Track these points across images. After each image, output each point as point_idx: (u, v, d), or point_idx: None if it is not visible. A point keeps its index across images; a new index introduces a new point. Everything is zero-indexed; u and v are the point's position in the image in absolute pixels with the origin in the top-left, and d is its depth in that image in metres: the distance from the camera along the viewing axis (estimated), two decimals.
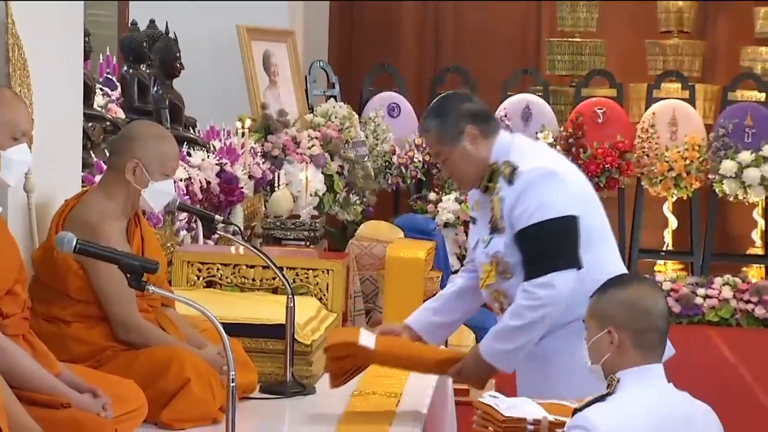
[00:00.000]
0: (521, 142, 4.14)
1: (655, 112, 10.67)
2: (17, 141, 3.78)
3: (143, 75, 7.02)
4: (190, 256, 5.08)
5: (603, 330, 3.25)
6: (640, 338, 3.23)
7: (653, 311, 3.25)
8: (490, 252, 4.05)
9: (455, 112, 4.06)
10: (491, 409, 3.49)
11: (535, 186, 3.94)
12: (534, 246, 3.93)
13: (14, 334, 3.61)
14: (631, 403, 3.18)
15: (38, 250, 4.27)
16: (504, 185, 4.00)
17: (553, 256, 3.92)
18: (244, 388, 4.23)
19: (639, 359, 3.23)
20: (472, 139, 4.05)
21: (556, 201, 3.93)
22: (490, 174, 4.04)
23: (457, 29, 12.25)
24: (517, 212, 3.95)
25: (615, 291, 3.29)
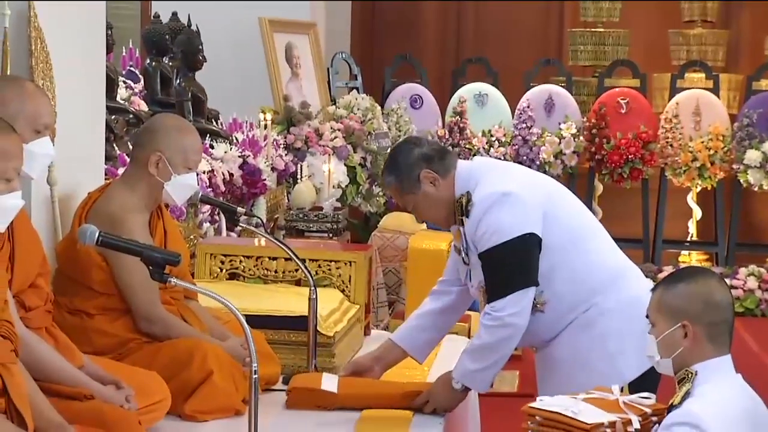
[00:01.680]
0: (479, 168, 4.16)
1: (679, 102, 10.62)
2: (40, 134, 3.78)
3: (166, 68, 7.04)
4: (213, 248, 5.08)
5: (676, 324, 3.25)
6: (713, 331, 3.25)
7: (723, 303, 3.27)
8: (476, 282, 4.12)
9: (407, 161, 4.11)
10: (562, 417, 3.33)
11: (488, 212, 3.98)
12: (493, 269, 3.99)
13: (37, 326, 3.62)
14: (719, 394, 3.19)
15: (61, 243, 4.28)
16: (465, 217, 4.05)
17: (511, 277, 3.97)
18: (266, 379, 4.24)
19: (712, 352, 3.25)
20: (431, 182, 4.09)
21: (510, 222, 3.96)
22: (460, 208, 4.09)
23: (478, 20, 12.21)
24: (476, 240, 4.01)
25: (685, 285, 3.28)
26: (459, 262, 4.22)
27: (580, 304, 4.06)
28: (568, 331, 4.09)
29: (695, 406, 3.15)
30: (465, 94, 10.71)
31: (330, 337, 4.52)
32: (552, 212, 4.04)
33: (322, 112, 9.30)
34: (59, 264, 4.20)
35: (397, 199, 4.25)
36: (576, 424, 3.29)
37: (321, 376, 4.22)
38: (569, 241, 4.05)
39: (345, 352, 4.69)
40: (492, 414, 5.40)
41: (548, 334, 4.13)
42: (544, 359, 4.24)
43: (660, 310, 3.31)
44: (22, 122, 3.64)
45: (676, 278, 3.34)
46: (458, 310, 4.40)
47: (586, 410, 3.35)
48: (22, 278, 3.61)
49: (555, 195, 4.15)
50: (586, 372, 4.02)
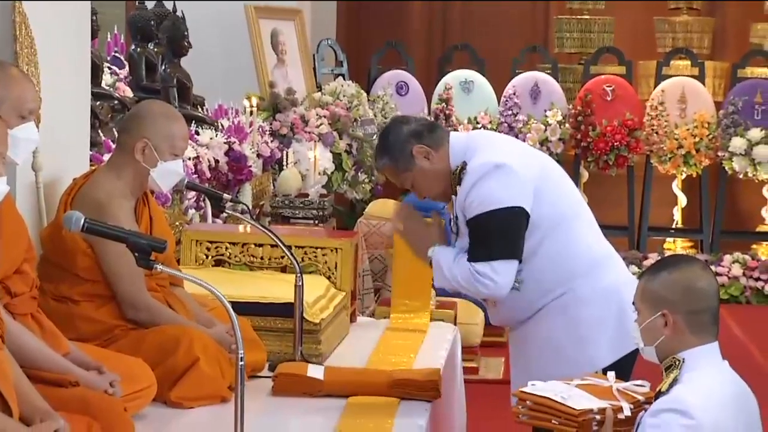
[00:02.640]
0: (476, 138, 4.17)
1: (665, 90, 10.63)
2: (24, 119, 3.77)
3: (151, 54, 7.02)
4: (199, 234, 5.08)
5: (656, 313, 3.26)
6: (695, 319, 3.24)
7: (706, 291, 3.27)
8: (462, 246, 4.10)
9: (398, 139, 4.10)
10: (551, 402, 3.35)
11: (479, 181, 3.98)
12: (478, 236, 3.99)
13: (23, 313, 3.62)
14: (706, 381, 3.20)
15: (46, 229, 4.27)
16: (458, 186, 4.05)
17: (496, 245, 3.97)
18: (252, 366, 4.24)
19: (695, 340, 3.25)
20: (424, 156, 4.08)
21: (501, 194, 3.96)
22: (456, 179, 4.08)
23: (465, 7, 12.20)
24: (466, 206, 4.01)
25: (667, 273, 3.28)
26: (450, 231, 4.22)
27: (556, 287, 4.07)
28: (542, 314, 4.10)
29: (683, 393, 3.16)
30: (451, 81, 10.71)
31: (316, 324, 4.52)
32: (542, 190, 4.04)
33: (308, 98, 9.29)
34: (44, 250, 4.19)
35: (394, 180, 4.22)
36: (564, 409, 3.31)
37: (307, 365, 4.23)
38: (555, 222, 4.05)
39: (331, 339, 4.69)
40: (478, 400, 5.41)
41: (522, 314, 4.14)
42: (516, 340, 4.26)
43: (643, 298, 3.32)
44: (7, 108, 3.63)
45: (659, 266, 3.35)
46: None
47: (577, 396, 3.35)
48: (7, 264, 3.61)
49: (548, 173, 4.15)
50: (557, 357, 4.03)
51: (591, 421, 3.30)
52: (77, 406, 3.41)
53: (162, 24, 7.14)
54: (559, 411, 3.33)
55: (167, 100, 6.66)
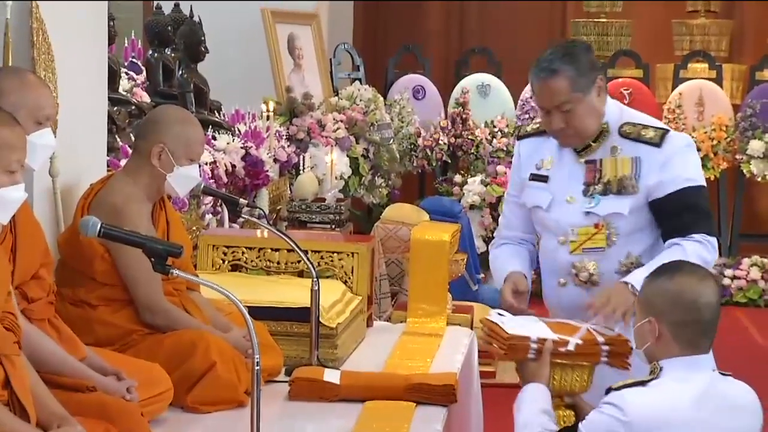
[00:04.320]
0: (629, 108, 4.11)
1: (682, 93, 10.61)
2: (41, 125, 3.78)
3: (168, 59, 7.04)
4: (216, 239, 5.08)
5: (645, 318, 3.27)
6: (680, 330, 3.23)
7: (697, 304, 3.23)
8: (601, 213, 3.94)
9: (588, 59, 3.94)
10: (497, 327, 3.55)
11: (687, 152, 3.94)
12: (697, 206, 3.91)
13: (40, 318, 3.63)
14: (671, 393, 3.19)
15: (63, 234, 4.29)
16: (639, 146, 3.91)
17: (711, 222, 3.94)
18: (269, 371, 4.24)
19: (680, 350, 3.24)
20: (599, 92, 3.94)
21: (700, 171, 3.98)
22: (599, 132, 3.96)
23: (482, 10, 12.19)
24: (668, 174, 3.89)
25: (662, 280, 3.28)
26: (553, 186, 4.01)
27: None
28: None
29: (633, 396, 3.18)
30: (468, 84, 10.71)
31: (332, 328, 4.52)
32: None
33: (325, 103, 9.30)
34: (62, 255, 4.20)
35: (551, 97, 3.91)
36: (501, 333, 3.54)
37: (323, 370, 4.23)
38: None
39: (347, 344, 4.69)
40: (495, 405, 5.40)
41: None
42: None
43: (639, 301, 3.34)
44: (24, 114, 3.64)
45: (660, 271, 3.34)
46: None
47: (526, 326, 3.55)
48: (24, 270, 3.62)
49: None
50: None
51: (525, 348, 3.50)
52: (94, 411, 3.42)
53: (179, 29, 7.16)
54: (497, 335, 3.56)
55: (184, 105, 6.67)
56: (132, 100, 6.12)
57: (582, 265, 3.98)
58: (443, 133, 10.59)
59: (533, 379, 3.53)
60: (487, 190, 9.58)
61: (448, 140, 10.57)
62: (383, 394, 4.11)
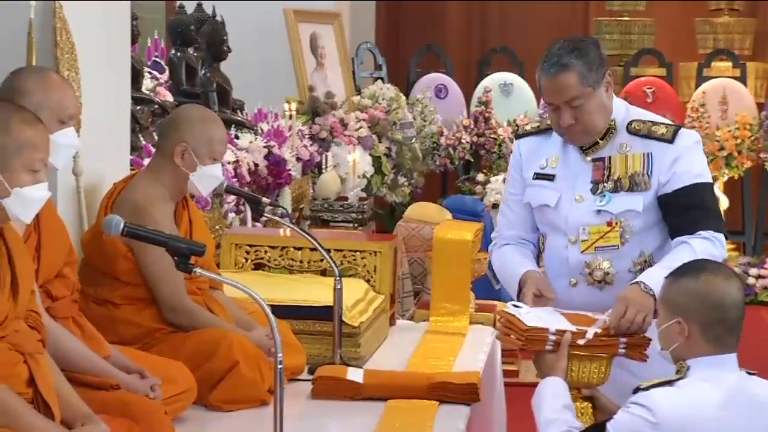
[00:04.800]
0: (634, 106, 4.07)
1: (706, 91, 10.57)
2: (64, 124, 3.78)
3: (191, 58, 7.05)
4: (239, 238, 5.09)
5: (673, 319, 3.24)
6: (709, 330, 3.21)
7: (724, 303, 3.21)
8: (614, 211, 3.87)
9: (597, 55, 3.89)
10: (514, 319, 3.53)
11: (696, 149, 3.90)
12: (702, 204, 3.85)
13: (64, 316, 3.64)
14: (699, 393, 3.16)
15: (87, 233, 4.30)
16: (651, 142, 3.87)
17: (718, 218, 3.89)
18: (292, 369, 4.25)
19: (708, 350, 3.21)
20: (608, 88, 3.89)
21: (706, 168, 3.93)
22: (606, 130, 3.90)
23: (503, 10, 12.17)
24: (680, 169, 3.85)
25: (686, 279, 3.25)
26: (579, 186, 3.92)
27: None
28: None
29: (661, 396, 3.15)
30: (490, 83, 10.70)
31: (355, 327, 4.52)
32: None
33: (347, 102, 9.30)
34: (85, 254, 4.22)
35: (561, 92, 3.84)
36: (519, 324, 3.51)
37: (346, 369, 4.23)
38: None
39: (370, 342, 4.69)
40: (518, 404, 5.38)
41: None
42: None
43: (662, 302, 3.30)
44: (47, 113, 3.64)
45: (682, 271, 3.31)
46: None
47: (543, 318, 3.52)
48: (48, 268, 3.63)
49: None
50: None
51: (543, 339, 3.47)
52: (118, 409, 3.43)
53: (202, 28, 7.17)
54: (514, 327, 3.53)
55: (207, 105, 6.68)
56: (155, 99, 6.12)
57: (596, 264, 3.91)
58: (466, 132, 10.58)
59: (551, 371, 3.52)
60: None
61: (470, 139, 10.56)
62: (406, 393, 4.11)
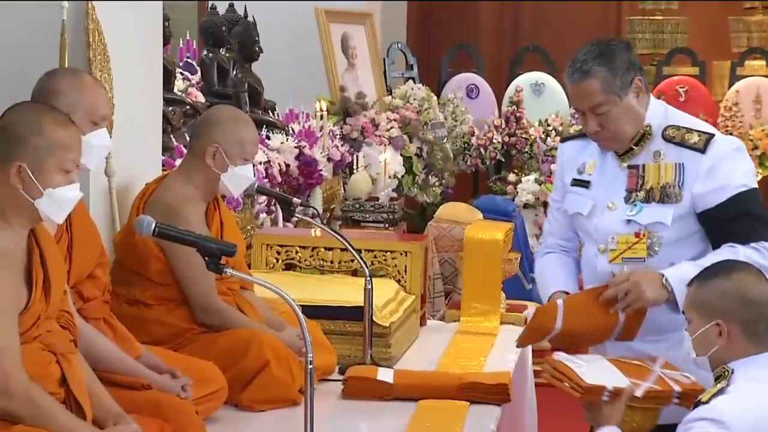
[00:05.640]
0: (674, 109, 3.92)
1: (739, 90, 10.52)
2: (97, 125, 3.81)
3: (223, 59, 7.06)
4: (270, 238, 5.11)
5: (710, 322, 3.17)
6: (750, 329, 3.14)
7: (760, 300, 3.15)
8: (643, 222, 3.75)
9: (625, 59, 3.75)
10: (570, 371, 3.40)
11: (734, 156, 3.73)
12: (747, 214, 3.67)
13: (95, 317, 3.66)
14: (753, 393, 3.09)
15: (119, 234, 4.32)
16: (683, 151, 3.74)
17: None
18: (323, 369, 4.26)
19: (749, 349, 3.15)
20: (638, 93, 3.76)
21: (751, 173, 3.76)
22: (641, 136, 3.79)
23: (536, 9, 12.15)
24: (722, 179, 3.69)
25: (719, 281, 3.19)
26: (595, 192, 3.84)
27: None
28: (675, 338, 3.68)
29: (724, 404, 3.06)
30: (521, 83, 10.68)
31: (386, 327, 4.53)
32: None
33: (378, 102, 9.30)
34: (117, 255, 4.24)
35: (585, 98, 3.76)
36: (573, 376, 3.38)
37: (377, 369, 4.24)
38: None
39: (401, 343, 4.70)
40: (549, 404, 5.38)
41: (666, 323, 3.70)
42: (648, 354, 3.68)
43: (694, 307, 3.22)
44: (80, 114, 3.67)
45: (710, 273, 3.24)
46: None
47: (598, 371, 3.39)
48: (80, 269, 3.65)
49: None
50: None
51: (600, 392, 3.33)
52: (150, 409, 3.44)
53: (233, 29, 7.18)
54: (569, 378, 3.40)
55: (238, 105, 6.70)
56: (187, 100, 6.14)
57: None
58: (497, 132, 10.56)
59: (608, 422, 3.36)
60: (541, 188, 9.54)
61: (501, 139, 10.53)
62: (436, 393, 4.11)
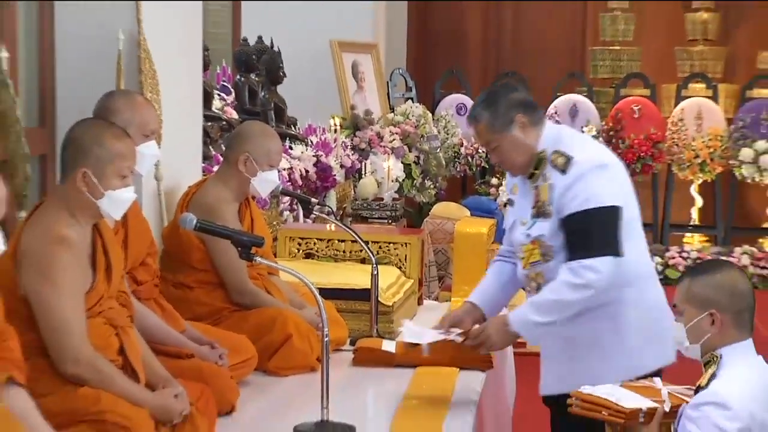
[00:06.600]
0: (569, 133, 3.70)
1: (684, 109, 10.51)
2: (148, 138, 3.80)
3: (253, 82, 7.06)
4: (292, 232, 5.10)
5: (704, 312, 3.04)
6: (738, 318, 3.05)
7: (746, 292, 3.07)
8: (533, 234, 3.61)
9: (506, 101, 3.59)
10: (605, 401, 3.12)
11: (586, 176, 3.50)
12: (581, 231, 3.49)
13: (147, 298, 3.67)
14: (743, 373, 3.00)
15: (167, 228, 4.32)
16: (555, 173, 3.55)
17: (599, 242, 3.47)
18: (336, 341, 4.25)
19: (736, 336, 3.05)
20: (522, 127, 3.58)
21: (605, 192, 3.49)
22: (537, 161, 3.60)
23: (514, 40, 12.13)
24: (567, 199, 3.51)
25: (711, 276, 3.07)
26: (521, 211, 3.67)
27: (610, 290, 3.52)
28: (593, 315, 3.56)
29: (721, 387, 2.96)
30: None
31: (389, 306, 4.52)
32: (625, 200, 3.59)
33: (383, 118, 9.29)
34: (165, 246, 4.23)
35: (479, 137, 3.70)
36: (612, 405, 3.10)
37: (382, 340, 4.23)
38: (625, 227, 3.55)
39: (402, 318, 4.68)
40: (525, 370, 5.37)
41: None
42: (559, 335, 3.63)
43: (688, 299, 3.08)
44: (134, 129, 3.66)
45: (701, 270, 3.11)
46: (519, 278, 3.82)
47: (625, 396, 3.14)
48: (134, 257, 3.65)
49: (629, 183, 3.67)
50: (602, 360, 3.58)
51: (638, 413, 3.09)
52: (192, 374, 3.44)
53: (262, 58, 7.18)
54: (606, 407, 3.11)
55: (266, 121, 6.69)
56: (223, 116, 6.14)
57: (532, 277, 3.68)
58: None
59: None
60: None
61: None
62: (431, 361, 4.10)
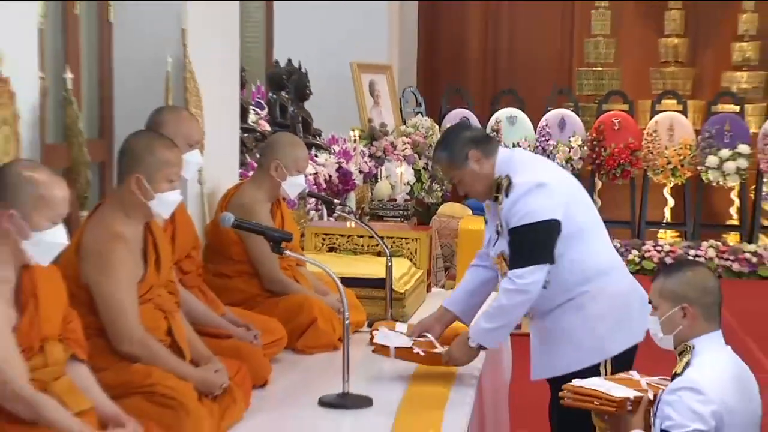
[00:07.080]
0: (519, 157, 3.67)
1: (657, 121, 10.47)
2: (192, 147, 3.80)
3: (283, 99, 7.06)
4: (317, 229, 5.09)
5: (676, 307, 2.99)
6: (707, 311, 2.99)
7: (715, 288, 3.02)
8: (497, 250, 3.65)
9: (459, 141, 3.60)
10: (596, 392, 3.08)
11: (524, 196, 3.49)
12: (519, 244, 3.51)
13: (191, 286, 3.66)
14: (714, 362, 2.95)
15: (209, 225, 4.32)
16: (503, 196, 3.56)
17: (532, 252, 3.48)
18: (355, 324, 4.23)
19: (706, 328, 2.99)
20: (477, 161, 3.57)
21: (540, 208, 3.48)
22: (497, 186, 3.59)
23: (510, 61, 12.09)
24: (509, 217, 3.53)
25: (683, 273, 3.01)
26: (491, 230, 3.71)
27: (575, 287, 3.58)
28: (562, 309, 3.60)
29: (695, 374, 2.92)
30: (500, 116, 10.63)
31: (402, 293, 4.50)
32: (571, 206, 3.57)
33: (396, 130, 9.27)
34: (207, 240, 4.23)
35: (444, 173, 3.74)
36: (602, 395, 3.07)
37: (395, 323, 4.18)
38: (578, 232, 3.56)
39: (413, 304, 4.68)
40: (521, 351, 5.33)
41: (545, 307, 3.62)
42: (537, 329, 3.72)
43: (662, 295, 3.02)
44: (180, 139, 3.66)
45: (674, 269, 3.06)
46: (495, 280, 3.81)
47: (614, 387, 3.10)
48: (180, 251, 3.65)
49: (575, 191, 3.66)
50: (575, 347, 3.59)
51: (626, 402, 3.05)
52: (231, 352, 3.44)
53: (291, 77, 7.18)
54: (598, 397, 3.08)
55: (294, 133, 6.69)
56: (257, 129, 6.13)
57: None
58: None
59: (634, 428, 3.09)
60: None
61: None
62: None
